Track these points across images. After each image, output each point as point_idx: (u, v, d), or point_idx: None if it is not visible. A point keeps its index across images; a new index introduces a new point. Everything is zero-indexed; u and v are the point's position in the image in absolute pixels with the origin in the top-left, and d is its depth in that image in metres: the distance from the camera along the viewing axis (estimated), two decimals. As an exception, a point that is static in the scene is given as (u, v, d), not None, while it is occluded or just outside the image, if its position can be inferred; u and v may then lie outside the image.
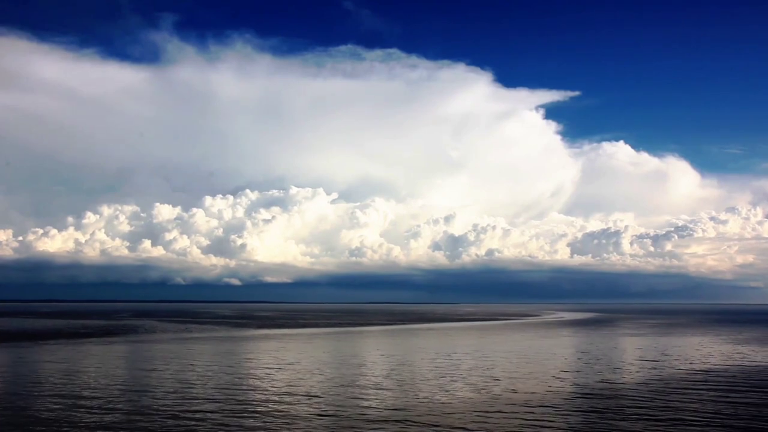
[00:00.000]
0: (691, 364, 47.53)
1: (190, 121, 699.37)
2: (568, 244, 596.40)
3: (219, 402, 30.39)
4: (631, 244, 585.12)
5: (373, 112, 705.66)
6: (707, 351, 59.61)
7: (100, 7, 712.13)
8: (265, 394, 32.68)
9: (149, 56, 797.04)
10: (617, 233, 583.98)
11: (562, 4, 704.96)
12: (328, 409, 28.70)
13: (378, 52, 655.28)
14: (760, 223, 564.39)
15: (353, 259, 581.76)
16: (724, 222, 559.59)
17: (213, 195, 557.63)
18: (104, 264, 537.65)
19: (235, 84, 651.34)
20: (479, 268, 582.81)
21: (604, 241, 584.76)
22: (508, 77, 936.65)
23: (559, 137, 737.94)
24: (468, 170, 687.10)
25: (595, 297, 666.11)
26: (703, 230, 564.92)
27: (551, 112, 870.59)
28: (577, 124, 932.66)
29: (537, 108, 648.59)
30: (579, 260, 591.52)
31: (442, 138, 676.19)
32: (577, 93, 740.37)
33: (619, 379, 38.56)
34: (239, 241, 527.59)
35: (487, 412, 28.01)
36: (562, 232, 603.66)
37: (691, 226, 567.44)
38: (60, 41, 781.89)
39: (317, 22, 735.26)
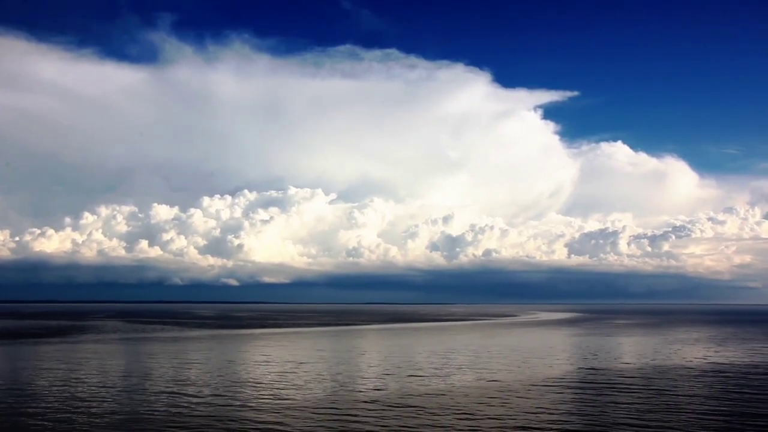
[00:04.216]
0: (599, 362, 47.68)
1: (189, 121, 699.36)
2: (566, 245, 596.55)
3: (85, 402, 30.60)
4: (629, 244, 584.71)
5: (372, 112, 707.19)
6: (632, 350, 59.57)
7: (98, 7, 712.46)
8: (133, 394, 32.86)
9: (147, 56, 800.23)
10: (615, 233, 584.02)
11: (561, 4, 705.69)
12: (200, 408, 28.89)
13: (377, 52, 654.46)
14: (758, 223, 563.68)
15: (351, 259, 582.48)
16: (722, 222, 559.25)
17: (211, 195, 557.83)
18: (101, 264, 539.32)
19: (233, 84, 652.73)
20: (477, 268, 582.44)
21: (601, 242, 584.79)
22: (507, 77, 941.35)
23: (557, 137, 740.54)
24: (467, 170, 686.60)
25: (592, 297, 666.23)
26: (701, 230, 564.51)
27: (550, 112, 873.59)
28: (575, 124, 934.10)
29: (535, 108, 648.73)
30: (576, 260, 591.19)
31: (441, 138, 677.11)
32: (575, 93, 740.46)
33: (502, 377, 38.75)
34: (236, 242, 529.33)
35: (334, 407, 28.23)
36: (560, 232, 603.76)
37: (689, 226, 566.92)
38: (58, 41, 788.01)
39: (316, 22, 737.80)
